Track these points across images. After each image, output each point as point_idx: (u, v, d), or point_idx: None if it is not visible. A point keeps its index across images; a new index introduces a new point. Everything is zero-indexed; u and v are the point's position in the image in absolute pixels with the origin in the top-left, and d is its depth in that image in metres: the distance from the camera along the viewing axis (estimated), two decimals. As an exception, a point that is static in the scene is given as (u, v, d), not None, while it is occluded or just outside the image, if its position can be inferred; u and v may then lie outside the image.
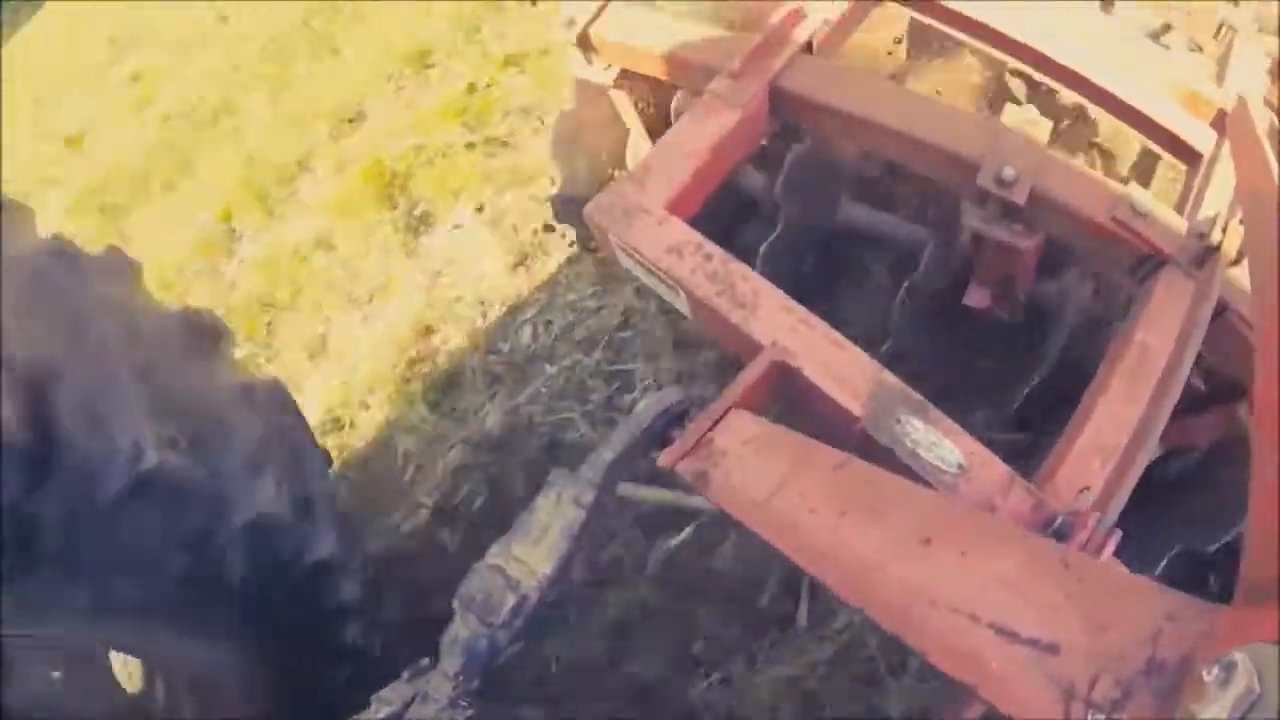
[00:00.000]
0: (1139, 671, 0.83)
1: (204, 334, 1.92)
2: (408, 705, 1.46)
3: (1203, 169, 1.76)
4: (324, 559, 1.89)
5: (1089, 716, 0.84)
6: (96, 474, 1.43)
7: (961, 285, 2.25)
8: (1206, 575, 1.95)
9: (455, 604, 1.50)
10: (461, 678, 1.44)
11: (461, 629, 1.47)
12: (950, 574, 1.09)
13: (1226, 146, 1.73)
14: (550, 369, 3.22)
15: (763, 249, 2.29)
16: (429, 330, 3.58)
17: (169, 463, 1.51)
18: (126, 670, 1.94)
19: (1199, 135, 1.82)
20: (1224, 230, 1.57)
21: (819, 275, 2.72)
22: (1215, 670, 0.72)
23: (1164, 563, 1.90)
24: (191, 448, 1.59)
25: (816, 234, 2.56)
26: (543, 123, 4.01)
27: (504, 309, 3.50)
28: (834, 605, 2.48)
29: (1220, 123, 1.80)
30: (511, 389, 3.23)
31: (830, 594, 1.21)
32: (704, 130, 1.87)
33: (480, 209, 3.87)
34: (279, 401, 2.08)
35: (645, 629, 2.61)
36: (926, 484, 1.46)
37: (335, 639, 2.07)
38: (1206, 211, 1.64)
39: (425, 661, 1.52)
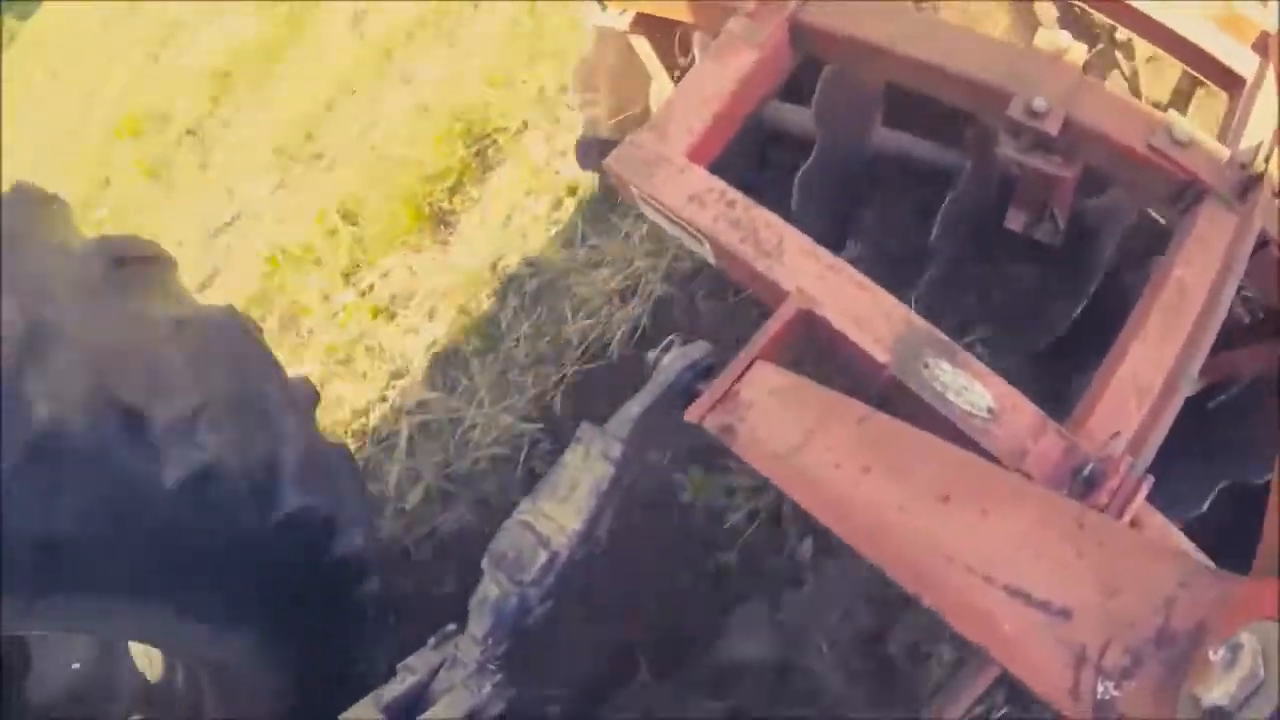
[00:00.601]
0: (1149, 640, 0.82)
1: (244, 333, 1.96)
2: (434, 673, 1.49)
3: (1245, 95, 1.67)
4: (351, 552, 1.93)
5: (1099, 684, 0.83)
6: (154, 467, 1.48)
7: (1001, 208, 2.20)
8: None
9: (484, 563, 1.53)
10: (491, 640, 1.47)
11: (491, 588, 1.49)
12: (968, 533, 1.08)
13: (1270, 71, 1.64)
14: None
15: (798, 178, 2.25)
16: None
17: (221, 459, 1.56)
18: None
19: (1240, 59, 1.72)
20: (1267, 159, 1.50)
21: (854, 204, 2.67)
22: (1221, 651, 0.71)
23: (1211, 497, 1.86)
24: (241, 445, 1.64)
25: (850, 162, 2.50)
26: None
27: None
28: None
29: (1263, 45, 1.71)
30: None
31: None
32: (722, 73, 1.83)
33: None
34: (310, 398, 2.11)
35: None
36: (956, 429, 1.44)
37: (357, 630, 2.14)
38: (1249, 140, 1.56)
39: (452, 627, 1.55)
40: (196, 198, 5.11)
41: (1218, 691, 0.70)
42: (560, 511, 1.58)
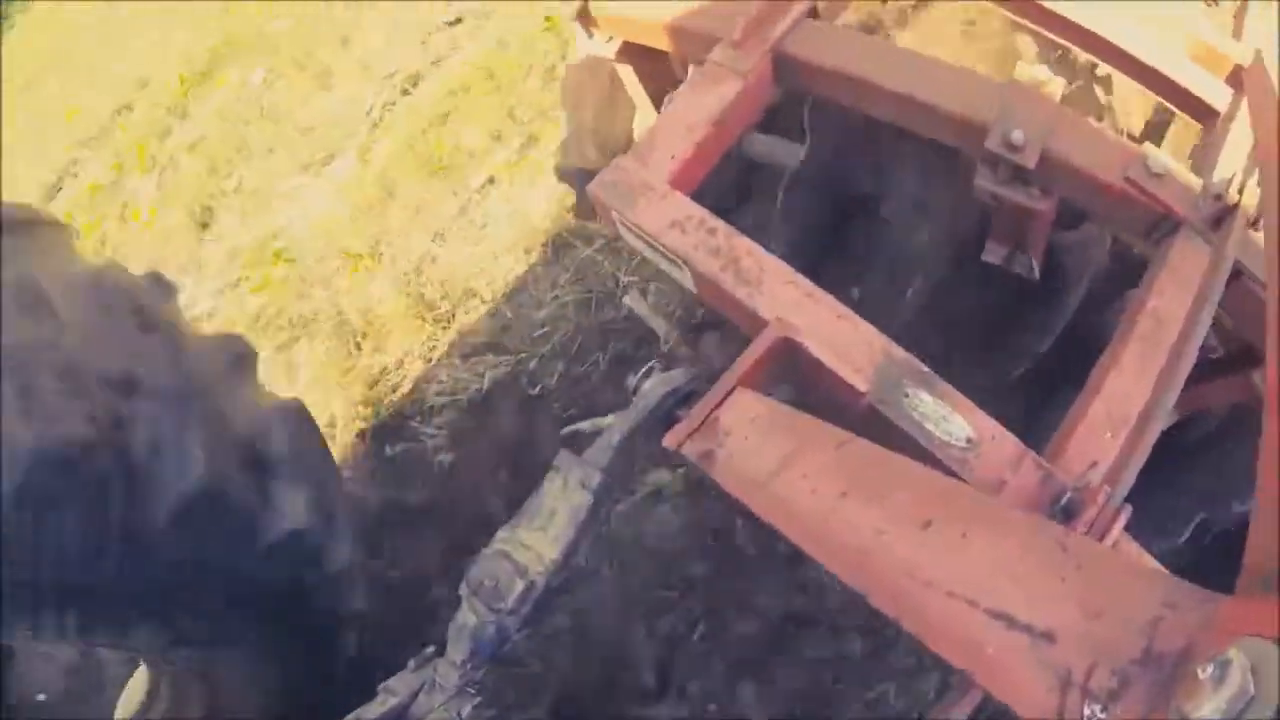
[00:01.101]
0: (1135, 662, 0.81)
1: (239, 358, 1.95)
2: (415, 695, 1.47)
3: (1219, 127, 1.70)
4: (341, 568, 1.91)
5: (1085, 706, 0.82)
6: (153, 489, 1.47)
7: (979, 240, 2.21)
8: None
9: (462, 590, 1.50)
10: (469, 665, 1.45)
11: (469, 616, 1.47)
12: (949, 557, 1.07)
13: (1244, 104, 1.67)
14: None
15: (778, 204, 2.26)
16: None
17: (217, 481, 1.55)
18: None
19: (1215, 92, 1.76)
20: (1241, 191, 1.52)
21: (834, 238, 2.69)
22: (1210, 668, 0.70)
23: (1189, 531, 1.86)
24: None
25: (830, 195, 2.52)
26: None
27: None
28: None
29: (1237, 79, 1.74)
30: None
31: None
32: (706, 101, 1.84)
33: None
34: (303, 419, 2.09)
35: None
36: (935, 459, 1.44)
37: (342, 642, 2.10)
38: (1223, 172, 1.58)
39: (431, 650, 1.53)
40: (397, 18, 4.97)
41: (1207, 709, 0.69)
42: (538, 540, 1.56)
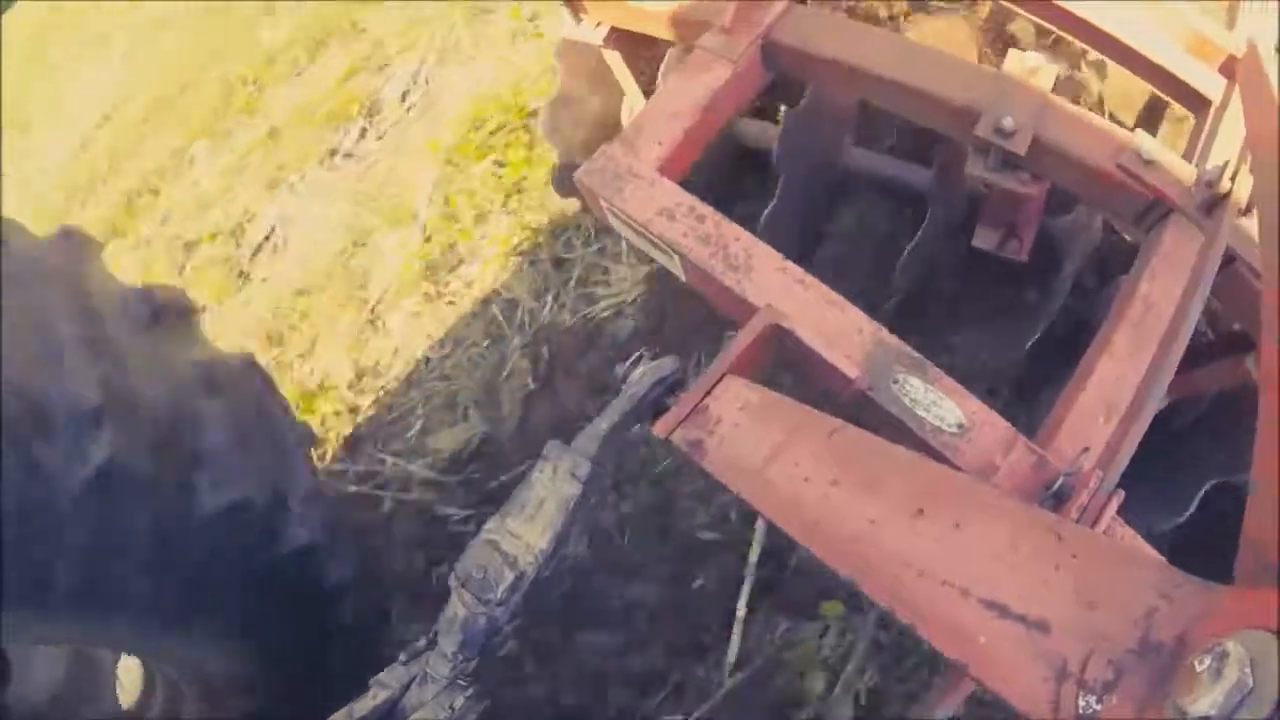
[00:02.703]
0: (1131, 652, 0.81)
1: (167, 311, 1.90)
2: (406, 688, 1.46)
3: (1211, 116, 1.70)
4: (306, 544, 1.88)
5: (1080, 698, 0.82)
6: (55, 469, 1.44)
7: (970, 226, 2.20)
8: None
9: (451, 582, 1.49)
10: (460, 657, 1.44)
11: (459, 607, 1.46)
12: (942, 546, 1.06)
13: (1237, 93, 1.67)
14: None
15: (765, 216, 2.24)
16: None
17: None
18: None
19: (1208, 82, 1.75)
20: (1233, 178, 1.52)
21: (823, 222, 2.68)
22: (1207, 660, 0.70)
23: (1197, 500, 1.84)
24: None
25: (820, 181, 2.51)
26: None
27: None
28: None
29: (1230, 69, 1.74)
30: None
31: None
32: (695, 88, 1.82)
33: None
34: (251, 379, 2.05)
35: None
36: (927, 444, 1.43)
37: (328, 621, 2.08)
38: (1215, 159, 1.58)
39: (421, 643, 1.52)
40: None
41: (1204, 702, 0.69)
42: (527, 530, 1.54)
